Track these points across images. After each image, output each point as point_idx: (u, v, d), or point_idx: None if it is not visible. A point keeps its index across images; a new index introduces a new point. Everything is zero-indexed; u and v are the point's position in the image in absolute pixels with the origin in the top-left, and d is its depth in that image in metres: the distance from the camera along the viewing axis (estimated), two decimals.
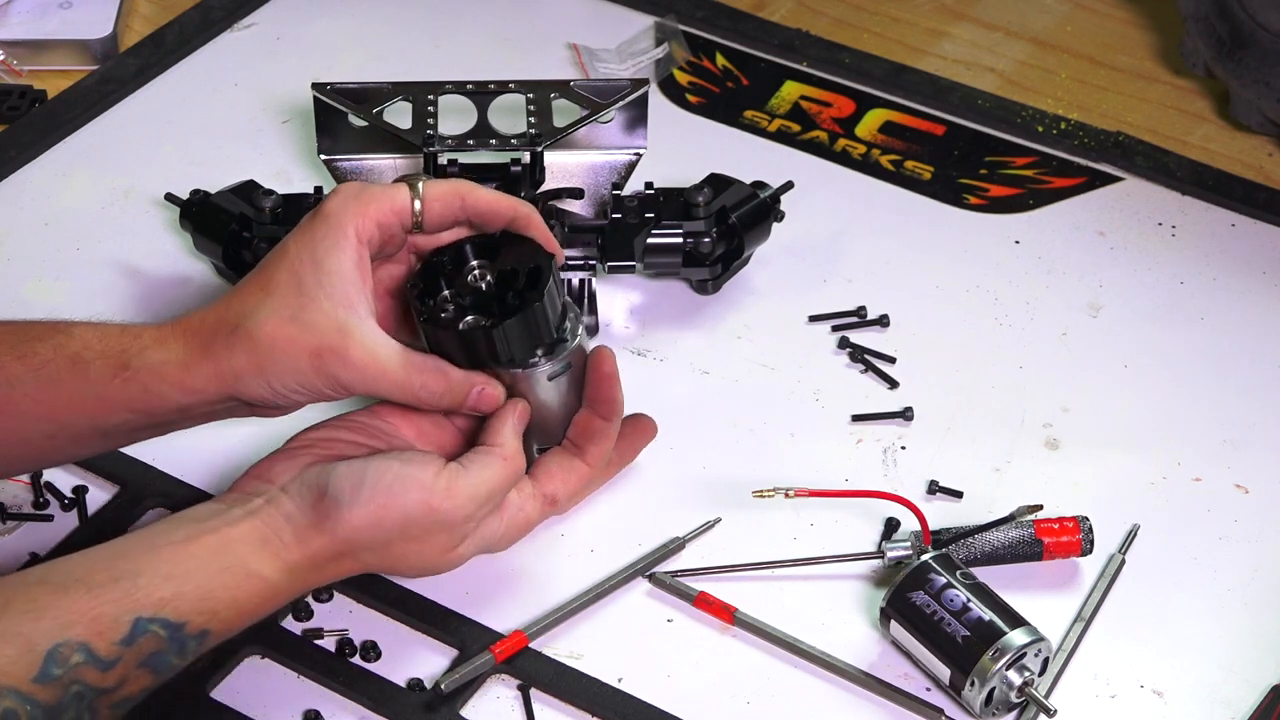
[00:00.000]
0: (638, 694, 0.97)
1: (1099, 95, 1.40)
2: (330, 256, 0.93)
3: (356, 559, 0.93)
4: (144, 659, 0.86)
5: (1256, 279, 1.24)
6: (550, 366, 0.99)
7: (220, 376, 0.94)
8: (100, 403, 0.94)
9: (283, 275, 0.94)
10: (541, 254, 0.98)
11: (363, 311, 0.94)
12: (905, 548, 1.02)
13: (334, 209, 0.95)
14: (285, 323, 0.93)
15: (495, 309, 0.96)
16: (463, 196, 0.98)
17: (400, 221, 0.96)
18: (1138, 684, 0.98)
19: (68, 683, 0.83)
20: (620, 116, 1.19)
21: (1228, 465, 1.10)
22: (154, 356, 0.94)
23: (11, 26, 1.41)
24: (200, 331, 0.94)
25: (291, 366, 0.93)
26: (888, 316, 1.19)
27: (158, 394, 0.94)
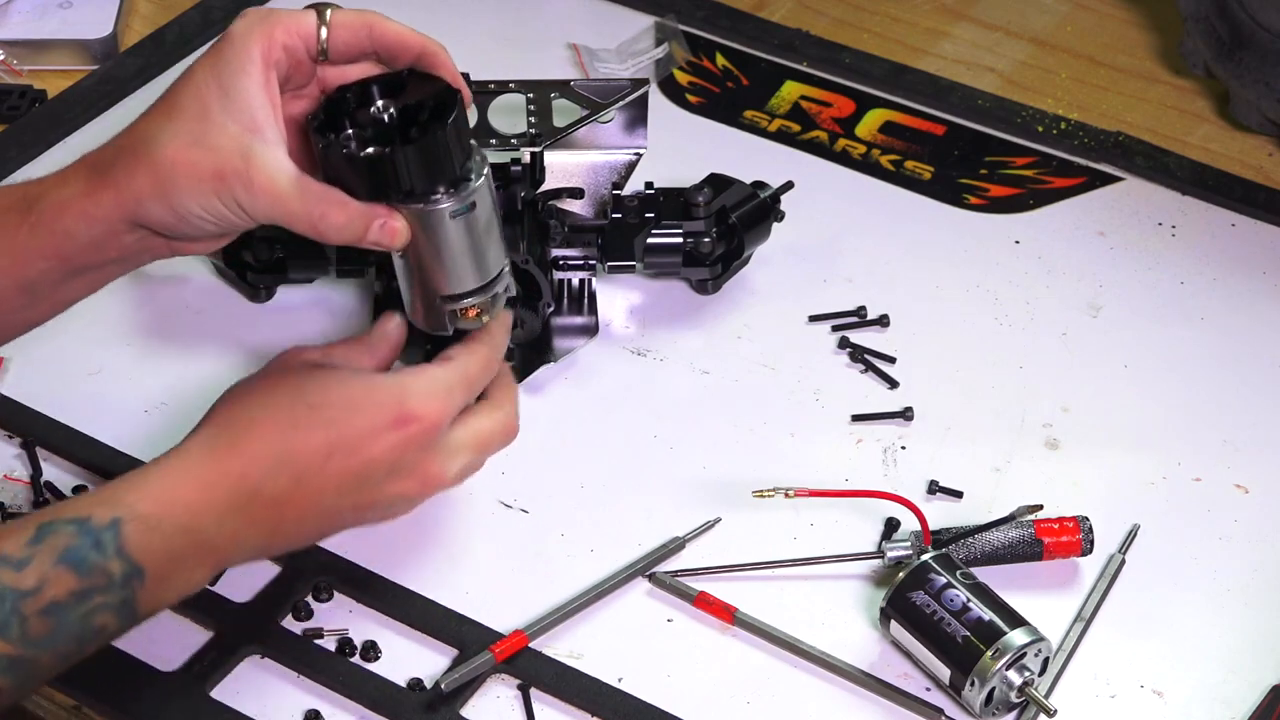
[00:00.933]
0: (638, 694, 0.97)
1: (1099, 95, 1.40)
2: (237, 79, 0.92)
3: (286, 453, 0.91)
4: (58, 555, 0.85)
5: (1256, 279, 1.24)
6: (453, 203, 0.94)
7: (122, 202, 0.92)
8: (12, 256, 0.94)
9: (187, 99, 0.92)
10: (449, 91, 0.95)
11: (270, 136, 0.92)
12: (905, 548, 1.02)
13: (239, 32, 0.93)
14: (188, 146, 0.91)
15: (398, 140, 0.93)
16: (370, 26, 0.96)
17: (306, 46, 0.95)
18: (1138, 684, 0.98)
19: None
20: (620, 116, 1.18)
21: (1228, 465, 1.10)
22: (56, 195, 0.93)
23: (11, 26, 1.41)
24: (101, 160, 0.94)
25: (194, 189, 0.91)
26: (888, 316, 1.19)
27: (65, 232, 0.93)
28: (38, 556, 0.84)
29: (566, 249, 1.17)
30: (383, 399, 0.92)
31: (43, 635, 0.84)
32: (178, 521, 0.88)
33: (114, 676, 0.97)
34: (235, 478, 0.89)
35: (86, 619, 0.85)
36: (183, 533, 0.88)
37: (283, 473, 0.90)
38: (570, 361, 1.16)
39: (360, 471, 0.91)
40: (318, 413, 0.91)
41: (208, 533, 0.88)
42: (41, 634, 0.84)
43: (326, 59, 0.96)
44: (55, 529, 0.85)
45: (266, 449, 0.90)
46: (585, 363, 1.16)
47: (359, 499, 0.92)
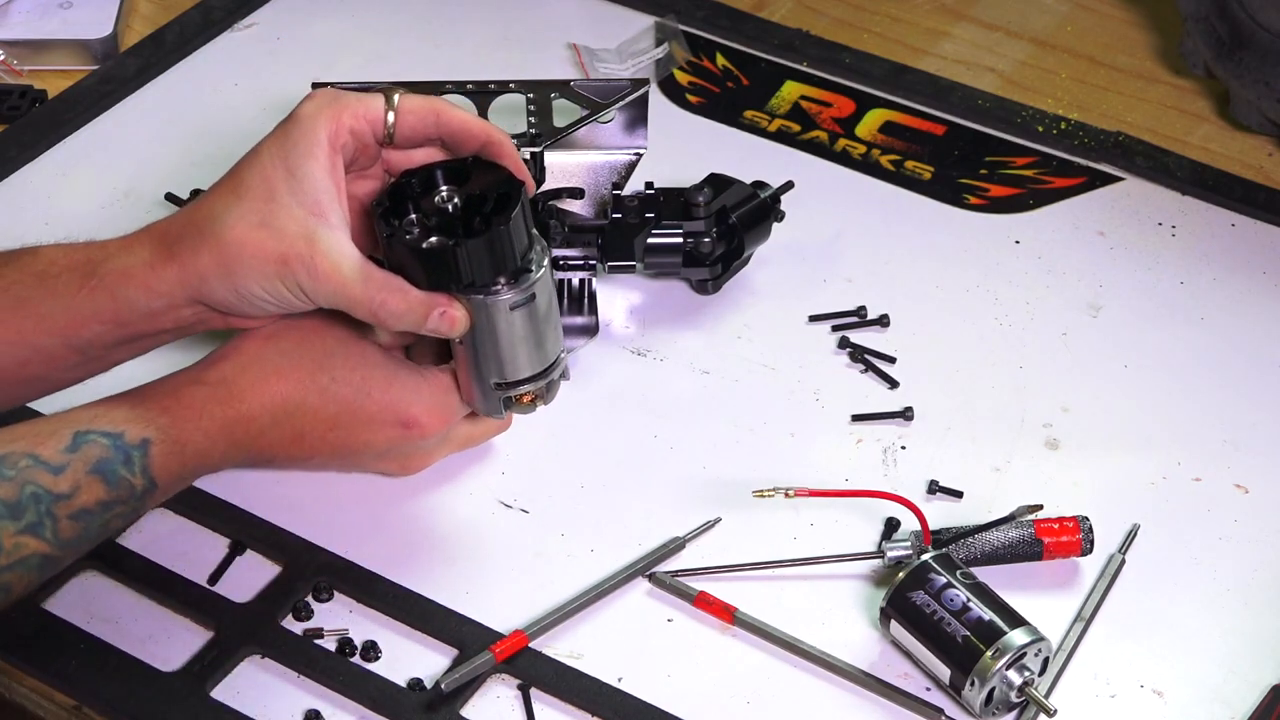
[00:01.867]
0: (638, 694, 0.97)
1: (1099, 95, 1.40)
2: (304, 163, 0.93)
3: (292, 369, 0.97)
4: (91, 465, 0.90)
5: (1256, 279, 1.24)
6: (513, 295, 0.96)
7: (185, 279, 0.93)
8: (69, 316, 0.94)
9: (254, 179, 0.93)
10: (512, 181, 0.96)
11: (334, 220, 0.93)
12: (905, 548, 1.02)
13: (308, 113, 0.94)
14: (254, 227, 0.92)
15: (460, 231, 0.94)
16: (438, 113, 0.97)
17: (373, 130, 0.96)
18: (1138, 684, 0.98)
19: (21, 483, 0.88)
20: (620, 116, 1.18)
21: (1228, 465, 1.10)
22: (120, 261, 0.94)
23: (11, 26, 1.41)
24: (167, 234, 0.94)
25: (258, 271, 0.92)
26: (888, 316, 1.19)
27: (125, 299, 0.94)
28: (72, 464, 0.89)
29: (566, 249, 1.17)
30: (395, 398, 0.99)
31: (70, 537, 0.89)
32: (195, 448, 0.94)
33: (114, 676, 0.97)
34: (246, 422, 0.95)
35: (105, 524, 0.91)
36: (196, 457, 0.94)
37: (287, 426, 0.97)
38: (570, 361, 1.15)
39: (354, 449, 1.00)
40: (336, 388, 0.97)
41: (211, 459, 0.95)
42: (70, 536, 0.89)
43: (392, 143, 0.97)
44: (90, 439, 0.90)
45: (280, 402, 0.96)
46: (585, 363, 1.16)
47: (344, 464, 1.03)
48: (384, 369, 0.99)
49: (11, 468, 0.88)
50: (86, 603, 1.01)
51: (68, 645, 0.98)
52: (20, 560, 0.88)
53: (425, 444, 1.02)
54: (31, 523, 0.88)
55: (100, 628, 1.00)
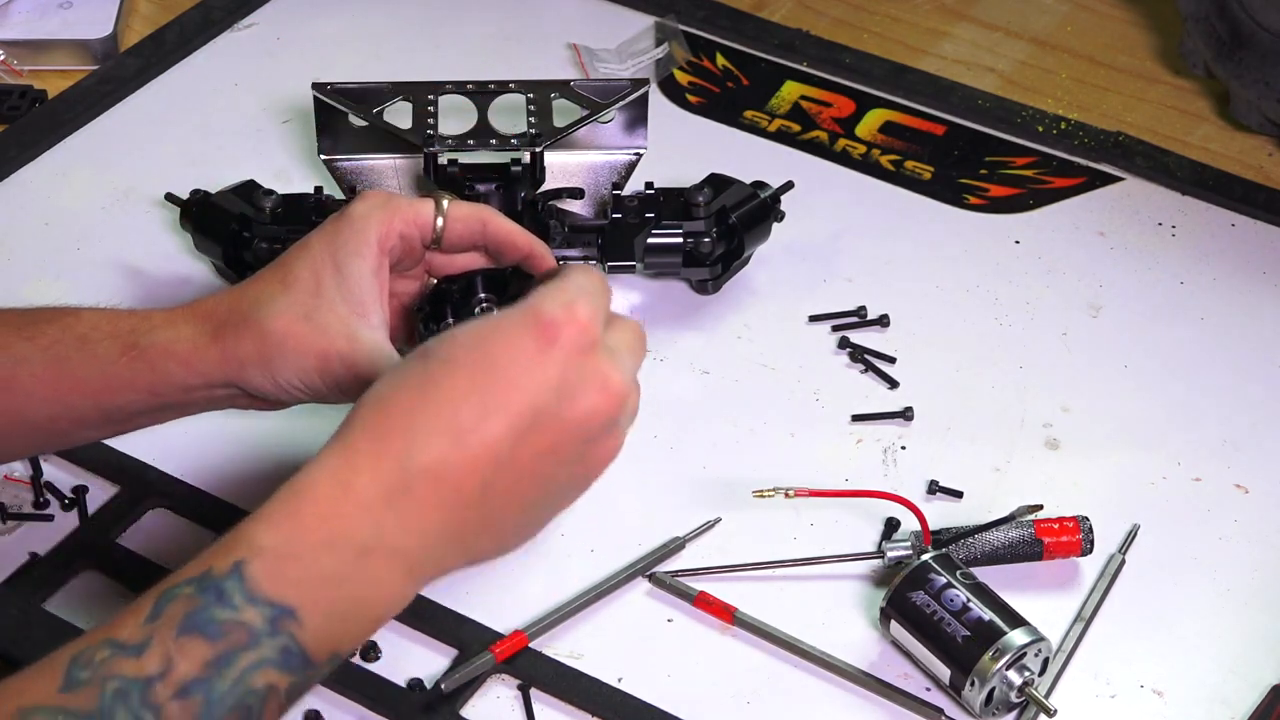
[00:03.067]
0: (638, 694, 0.97)
1: (1099, 95, 1.40)
2: (352, 261, 0.94)
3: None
4: (180, 625, 0.72)
5: (1256, 279, 1.24)
6: None
7: (226, 362, 0.93)
8: (106, 383, 0.94)
9: (303, 272, 0.94)
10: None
11: (375, 321, 0.94)
12: (905, 548, 1.02)
13: (360, 214, 0.95)
14: (298, 320, 0.93)
15: None
16: (484, 221, 0.98)
17: (421, 235, 0.97)
18: (1138, 684, 0.98)
19: (101, 680, 0.71)
20: (620, 116, 1.19)
21: (1228, 465, 1.10)
22: (163, 335, 0.94)
23: (11, 26, 1.41)
24: (213, 315, 0.94)
25: (297, 364, 0.93)
26: (888, 316, 1.19)
27: (164, 373, 0.94)
28: (157, 634, 0.72)
29: (566, 249, 1.17)
30: (514, 321, 0.77)
31: (177, 711, 0.71)
32: (315, 538, 0.75)
33: None
34: (372, 460, 0.75)
35: (241, 684, 0.73)
36: (326, 548, 0.75)
37: (432, 433, 0.76)
38: None
39: (528, 404, 0.76)
40: (450, 363, 0.77)
41: (362, 536, 0.75)
42: (177, 711, 0.71)
43: (439, 247, 0.98)
44: (173, 596, 0.73)
45: (403, 417, 0.76)
46: None
47: (544, 441, 0.78)
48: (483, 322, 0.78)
49: (85, 667, 0.71)
50: (86, 603, 1.01)
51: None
52: None
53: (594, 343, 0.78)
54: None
55: None
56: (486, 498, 0.77)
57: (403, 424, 0.76)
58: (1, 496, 1.06)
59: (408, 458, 0.75)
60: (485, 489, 0.77)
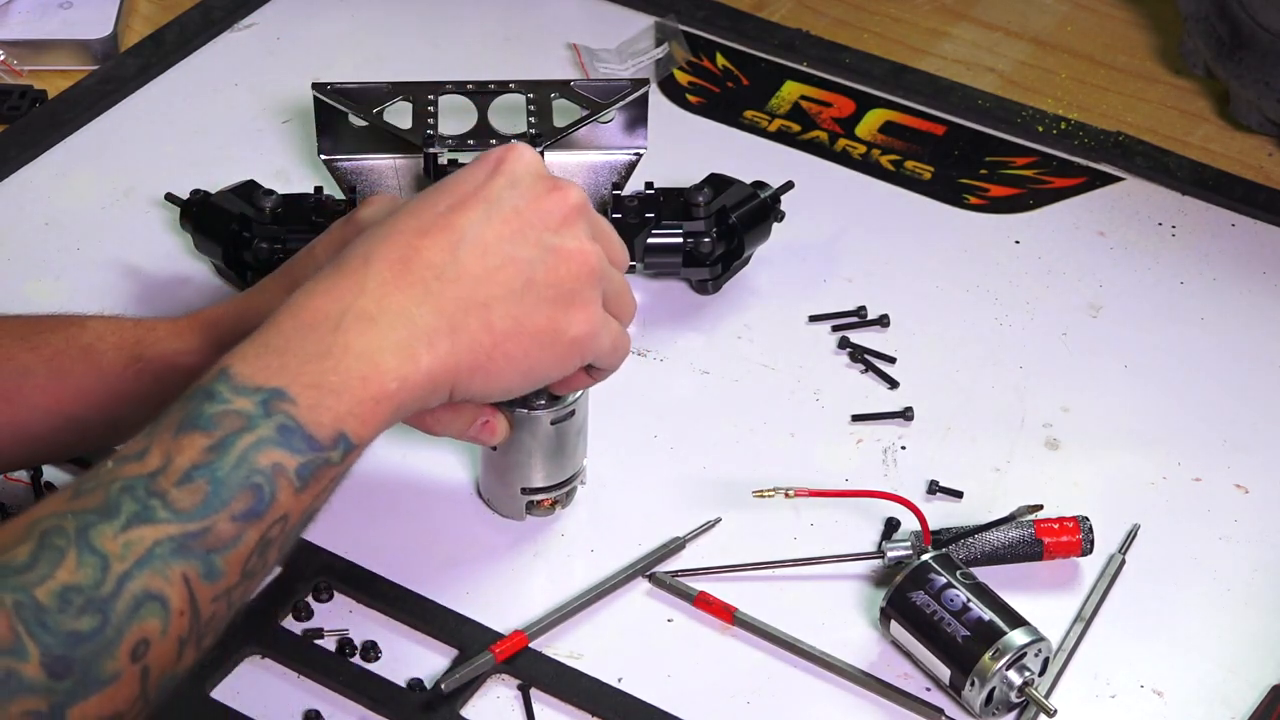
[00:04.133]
0: (638, 694, 0.97)
1: (1099, 95, 1.40)
2: None
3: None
4: (177, 427, 0.75)
5: (1256, 279, 1.24)
6: (554, 411, 0.99)
7: None
8: (111, 394, 0.94)
9: (308, 278, 0.93)
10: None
11: None
12: (905, 548, 1.02)
13: (365, 217, 0.95)
14: None
15: None
16: None
17: None
18: (1138, 684, 0.98)
19: (107, 484, 0.73)
20: (620, 116, 1.19)
21: (1228, 465, 1.10)
22: (168, 347, 0.94)
23: (11, 26, 1.41)
24: (217, 325, 0.94)
25: None
26: (888, 316, 1.19)
27: (170, 385, 0.93)
28: (156, 439, 0.75)
29: None
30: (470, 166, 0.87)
31: (196, 503, 0.73)
32: (288, 326, 0.79)
33: None
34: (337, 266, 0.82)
35: (245, 465, 0.75)
36: (302, 330, 0.79)
37: (393, 232, 0.83)
38: None
39: (484, 194, 0.84)
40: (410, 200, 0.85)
41: (334, 311, 0.79)
42: (195, 502, 0.73)
43: None
44: (167, 412, 0.76)
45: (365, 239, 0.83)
46: None
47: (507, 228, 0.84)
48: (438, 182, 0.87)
49: (92, 479, 0.74)
50: None
51: None
52: (144, 557, 0.72)
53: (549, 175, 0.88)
54: (134, 512, 0.72)
55: None
56: (459, 273, 0.82)
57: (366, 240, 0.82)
58: (1, 497, 1.06)
59: (371, 253, 0.81)
60: (455, 263, 0.82)
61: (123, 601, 0.71)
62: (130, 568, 0.71)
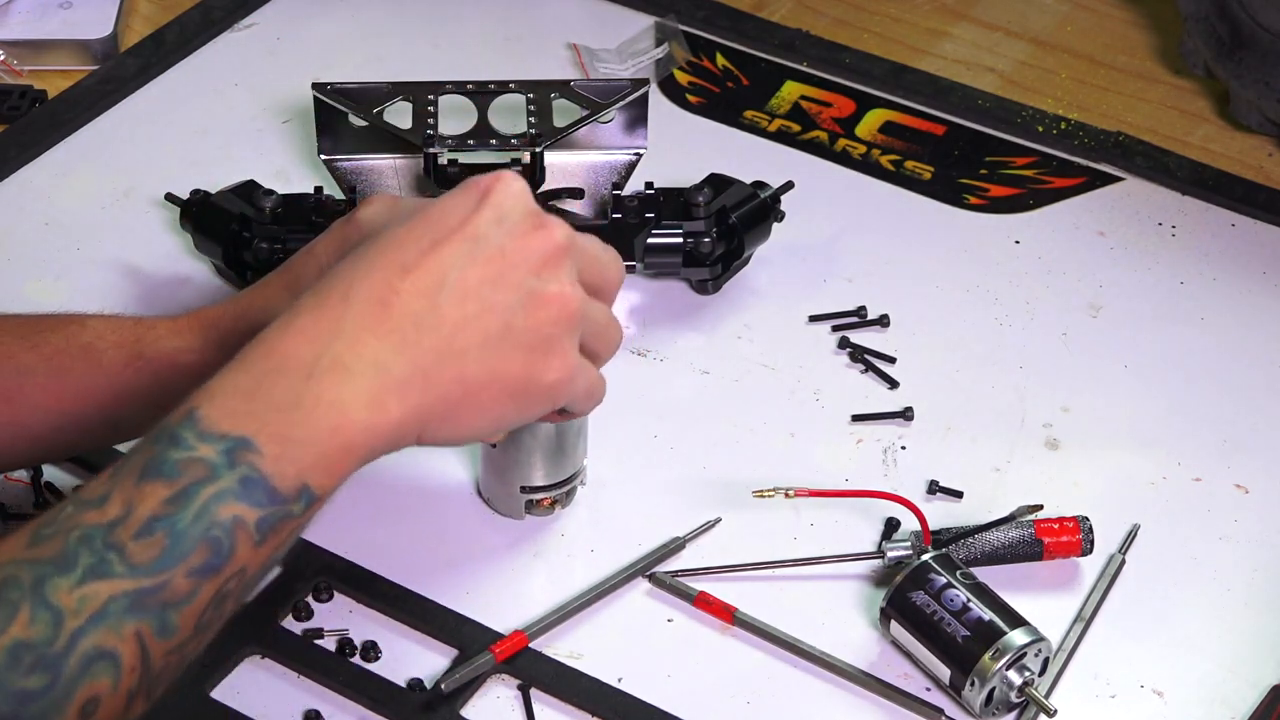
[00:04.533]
0: (638, 694, 0.97)
1: (1099, 95, 1.40)
2: None
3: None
4: (139, 474, 0.74)
5: (1256, 279, 1.24)
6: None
7: None
8: (112, 393, 0.94)
9: (310, 278, 0.92)
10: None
11: None
12: (905, 548, 1.02)
13: (365, 217, 0.94)
14: None
15: None
16: None
17: None
18: (1138, 684, 0.98)
19: (65, 532, 0.72)
20: (620, 116, 1.19)
21: (1228, 465, 1.10)
22: (168, 345, 0.94)
23: (11, 26, 1.41)
24: (218, 324, 0.94)
25: None
26: (888, 316, 1.19)
27: (170, 384, 0.93)
28: (118, 485, 0.73)
29: None
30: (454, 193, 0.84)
31: (153, 557, 0.72)
32: (260, 369, 0.77)
33: None
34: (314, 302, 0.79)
35: (205, 518, 0.74)
36: (274, 375, 0.77)
37: (375, 269, 0.80)
38: None
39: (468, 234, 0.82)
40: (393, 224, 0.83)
41: (308, 357, 0.77)
42: (151, 556, 0.72)
43: None
44: (133, 453, 0.75)
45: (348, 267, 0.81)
46: None
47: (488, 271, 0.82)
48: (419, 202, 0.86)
49: (50, 525, 0.72)
50: None
51: None
52: (98, 613, 0.70)
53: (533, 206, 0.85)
54: (90, 565, 0.71)
55: None
56: (438, 321, 0.80)
57: (347, 271, 0.80)
58: (1, 497, 1.06)
59: (351, 290, 0.79)
60: (434, 311, 0.80)
61: (74, 659, 0.70)
62: (84, 624, 0.70)
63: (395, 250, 0.81)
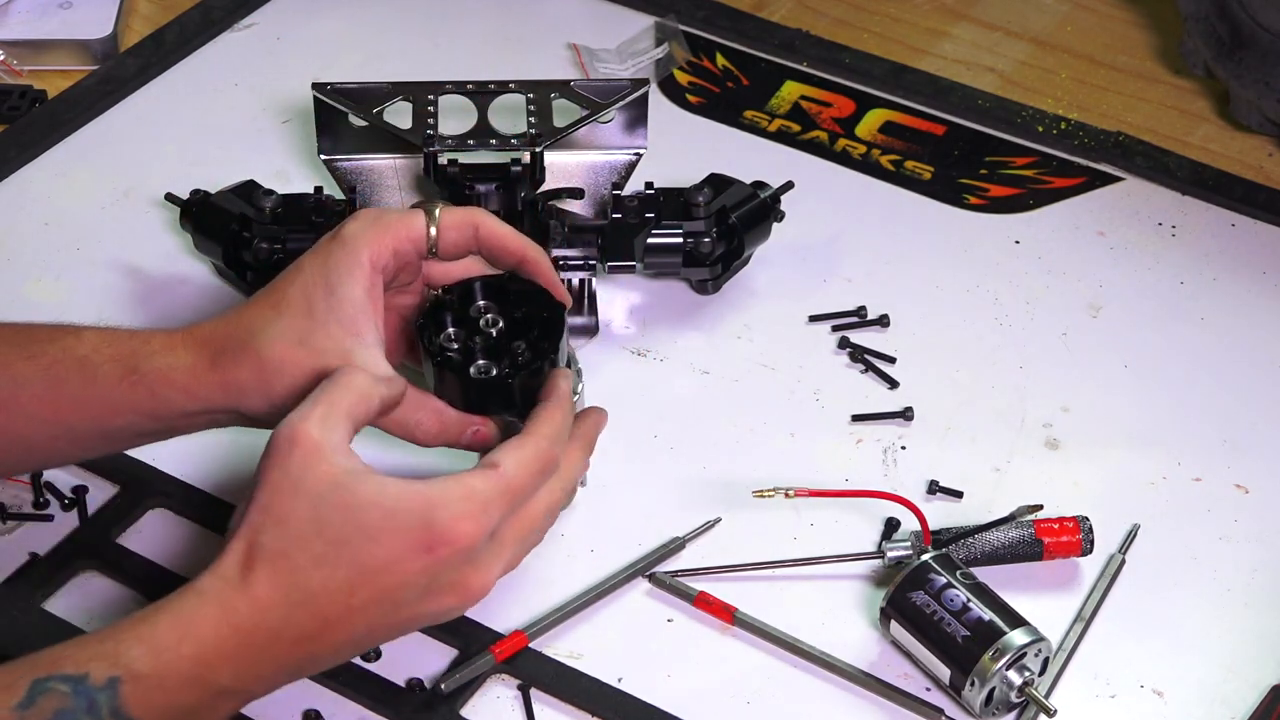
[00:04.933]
0: (638, 694, 0.97)
1: (1099, 95, 1.40)
2: (344, 282, 0.93)
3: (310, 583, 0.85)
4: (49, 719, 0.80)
5: (1256, 279, 1.24)
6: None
7: (225, 388, 0.94)
8: (107, 405, 0.94)
9: (296, 296, 0.94)
10: (551, 303, 0.97)
11: (370, 340, 0.93)
12: (905, 548, 1.02)
13: (351, 234, 0.95)
14: (293, 344, 0.92)
15: (506, 359, 0.95)
16: (476, 226, 0.98)
17: (416, 248, 0.96)
18: (1138, 684, 0.98)
19: None
20: (620, 116, 1.19)
21: (1228, 465, 1.10)
22: (162, 361, 0.94)
23: (11, 26, 1.41)
24: (210, 341, 0.94)
25: (295, 386, 0.92)
26: (888, 316, 1.19)
27: (164, 398, 0.94)
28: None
29: (566, 249, 1.17)
30: (406, 522, 0.85)
31: None
32: (184, 674, 0.83)
33: None
34: (250, 625, 0.84)
35: None
36: (191, 685, 0.83)
37: (304, 614, 0.85)
38: None
39: (390, 598, 0.86)
40: (338, 550, 0.85)
41: (221, 681, 0.84)
42: None
43: (435, 256, 0.98)
44: (49, 688, 0.80)
45: (284, 592, 0.85)
46: (585, 363, 1.16)
47: (393, 620, 0.88)
48: (379, 504, 0.85)
49: None
50: (86, 603, 1.01)
51: None
52: None
53: (470, 558, 0.87)
54: None
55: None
56: (334, 653, 0.88)
57: (280, 598, 0.85)
58: (1, 496, 1.06)
59: (280, 630, 0.85)
60: (335, 649, 0.88)
61: None
62: None
63: (325, 599, 0.85)
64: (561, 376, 0.95)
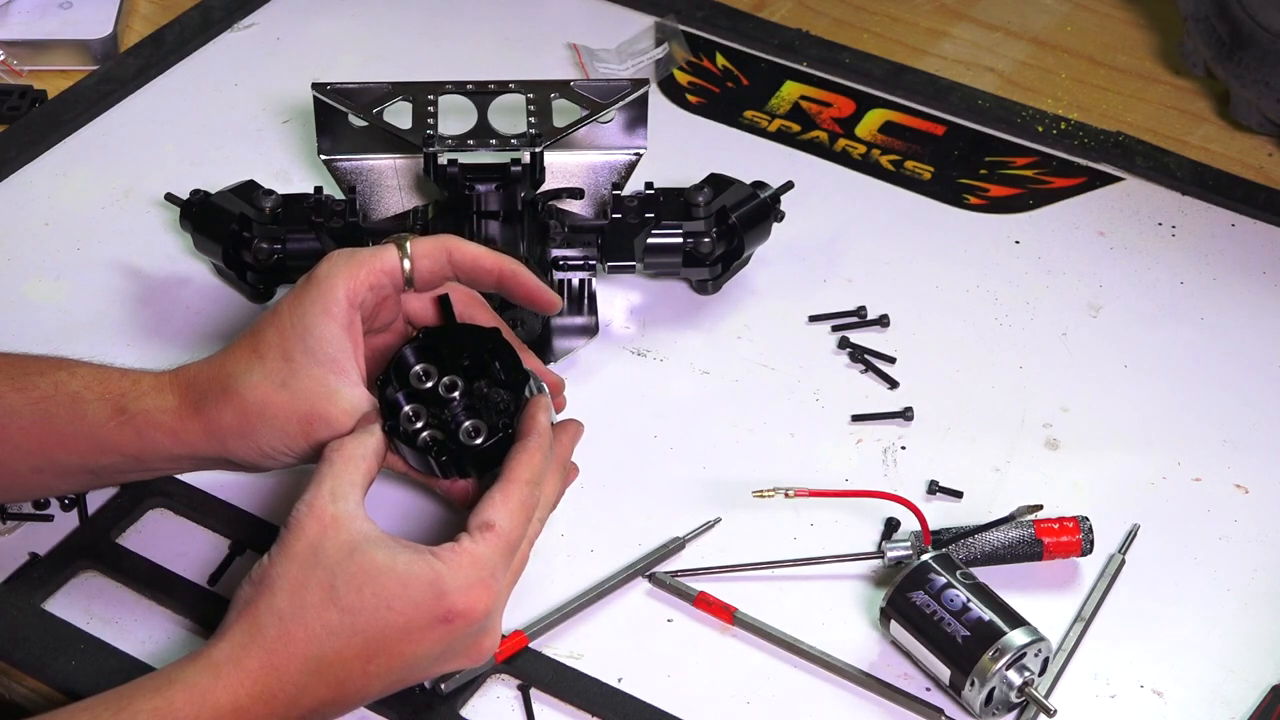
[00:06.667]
0: (638, 694, 0.97)
1: (1099, 95, 1.40)
2: (320, 323, 0.93)
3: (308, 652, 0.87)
4: None
5: (1256, 279, 1.24)
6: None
7: (210, 437, 0.94)
8: (94, 443, 0.95)
9: (272, 339, 0.94)
10: (483, 331, 0.96)
11: (353, 377, 0.94)
12: (905, 548, 1.02)
13: (325, 273, 0.95)
14: (274, 388, 0.93)
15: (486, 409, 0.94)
16: (449, 251, 0.98)
17: (392, 281, 0.96)
18: (1138, 684, 0.98)
19: None
20: (620, 116, 1.19)
21: (1228, 465, 1.10)
22: (150, 403, 0.95)
23: (11, 26, 1.41)
24: (194, 385, 0.95)
25: (280, 430, 0.93)
26: (888, 316, 1.19)
27: (151, 441, 0.95)
28: None
29: (566, 249, 1.17)
30: (420, 594, 0.87)
31: None
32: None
33: (114, 677, 0.97)
34: (268, 696, 0.85)
35: None
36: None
37: (321, 683, 0.87)
38: (570, 362, 1.16)
39: (406, 665, 0.89)
40: (352, 618, 0.87)
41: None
42: None
43: (413, 288, 0.98)
44: None
45: (301, 662, 0.86)
46: (585, 363, 1.16)
47: (407, 680, 0.91)
48: (393, 572, 0.87)
49: None
50: (86, 603, 1.01)
51: (68, 645, 0.98)
52: None
53: (484, 625, 0.89)
54: None
55: (100, 628, 1.00)
56: (348, 706, 0.89)
57: (297, 667, 0.86)
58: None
59: (296, 698, 0.86)
60: (347, 707, 0.89)
61: None
62: None
63: (340, 670, 0.87)
64: (540, 409, 0.94)
